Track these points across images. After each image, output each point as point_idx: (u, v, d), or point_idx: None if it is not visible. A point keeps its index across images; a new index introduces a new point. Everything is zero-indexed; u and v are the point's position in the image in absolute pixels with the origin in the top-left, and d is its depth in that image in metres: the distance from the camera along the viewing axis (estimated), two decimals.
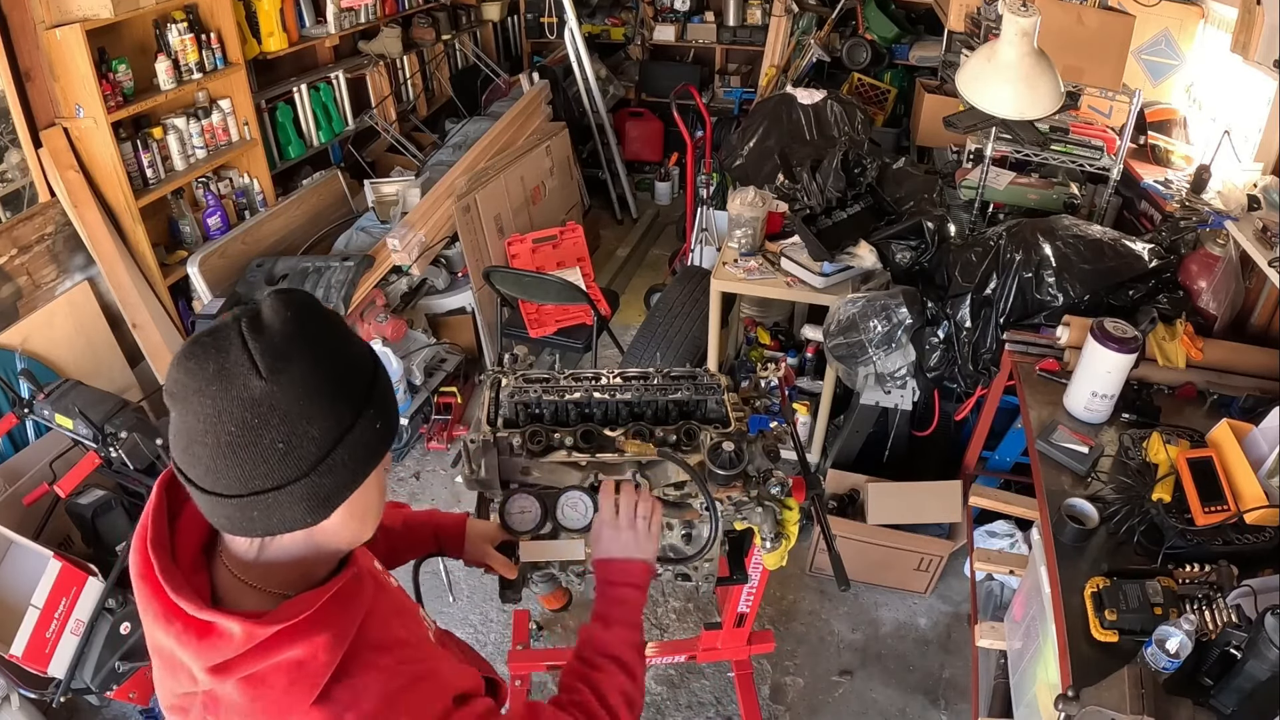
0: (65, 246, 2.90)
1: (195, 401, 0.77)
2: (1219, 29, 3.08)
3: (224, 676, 0.81)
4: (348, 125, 4.23)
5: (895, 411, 2.85)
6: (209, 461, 0.78)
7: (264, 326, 0.80)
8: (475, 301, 3.73)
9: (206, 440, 0.78)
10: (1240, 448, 1.77)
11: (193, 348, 0.79)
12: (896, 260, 2.79)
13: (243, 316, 0.81)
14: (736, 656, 2.43)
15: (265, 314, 0.81)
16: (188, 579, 0.84)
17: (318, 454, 0.80)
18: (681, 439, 1.43)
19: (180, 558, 0.87)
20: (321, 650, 0.82)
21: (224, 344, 0.78)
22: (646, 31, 5.85)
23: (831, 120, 3.82)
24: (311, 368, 0.80)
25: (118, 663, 2.18)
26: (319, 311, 0.84)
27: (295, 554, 0.88)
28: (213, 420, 0.77)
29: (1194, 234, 2.54)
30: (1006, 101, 2.59)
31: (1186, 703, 1.46)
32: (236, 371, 0.77)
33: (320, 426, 0.80)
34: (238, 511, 0.81)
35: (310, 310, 0.83)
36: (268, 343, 0.78)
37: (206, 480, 0.80)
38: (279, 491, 0.80)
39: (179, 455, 0.81)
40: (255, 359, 0.77)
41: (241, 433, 0.77)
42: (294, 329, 0.80)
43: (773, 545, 1.46)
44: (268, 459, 0.78)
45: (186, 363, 0.78)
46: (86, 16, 2.68)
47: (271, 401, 0.77)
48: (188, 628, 0.81)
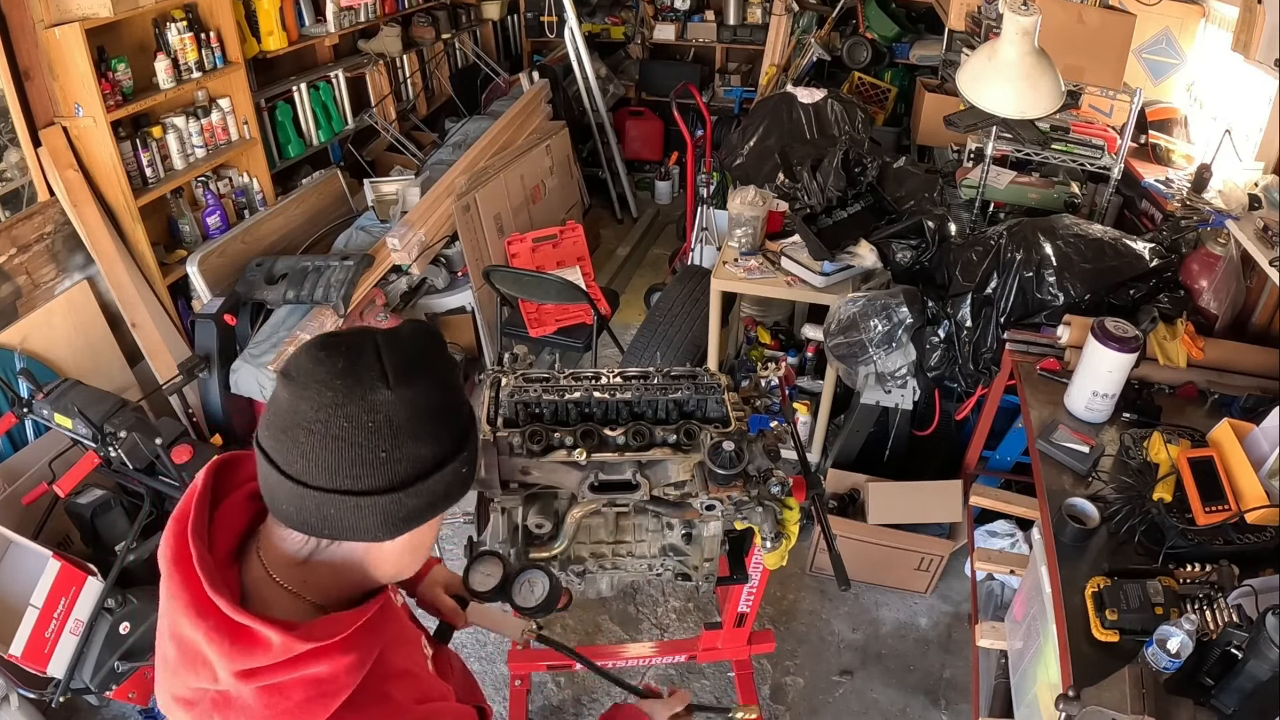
0: (64, 246, 2.90)
1: (315, 389, 0.79)
2: (1220, 28, 3.07)
3: (250, 682, 0.81)
4: (347, 124, 4.23)
5: (896, 411, 2.85)
6: (307, 448, 0.79)
7: (401, 343, 0.84)
8: (475, 301, 3.73)
9: (314, 428, 0.79)
10: (1241, 447, 1.77)
11: (329, 339, 0.82)
12: (897, 259, 2.79)
13: (382, 330, 0.85)
14: (737, 656, 2.43)
15: (404, 333, 0.85)
16: (222, 574, 0.84)
17: (413, 474, 0.83)
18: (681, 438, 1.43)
19: (215, 550, 0.87)
20: (343, 672, 0.83)
21: (360, 346, 0.82)
22: (646, 30, 5.85)
23: (832, 119, 3.82)
24: (432, 393, 0.83)
25: (117, 662, 2.18)
26: (446, 348, 0.91)
27: (342, 568, 0.89)
28: (328, 411, 0.78)
29: (1195, 233, 2.53)
30: (1007, 100, 2.59)
31: (1187, 703, 1.46)
32: (365, 374, 0.80)
33: (424, 450, 0.83)
34: (315, 505, 0.81)
35: (441, 345, 0.90)
36: (401, 357, 0.82)
37: (296, 466, 0.80)
38: (364, 497, 0.81)
39: (272, 435, 0.82)
40: (386, 368, 0.81)
41: (352, 431, 0.79)
42: (426, 354, 0.85)
43: (773, 545, 1.46)
44: (368, 462, 0.80)
45: (318, 352, 0.81)
46: (86, 15, 2.68)
47: (390, 411, 0.80)
48: (220, 627, 0.81)
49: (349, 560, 0.88)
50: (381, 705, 0.88)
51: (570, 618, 2.77)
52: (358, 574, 0.90)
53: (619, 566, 1.56)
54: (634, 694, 1.38)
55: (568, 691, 2.56)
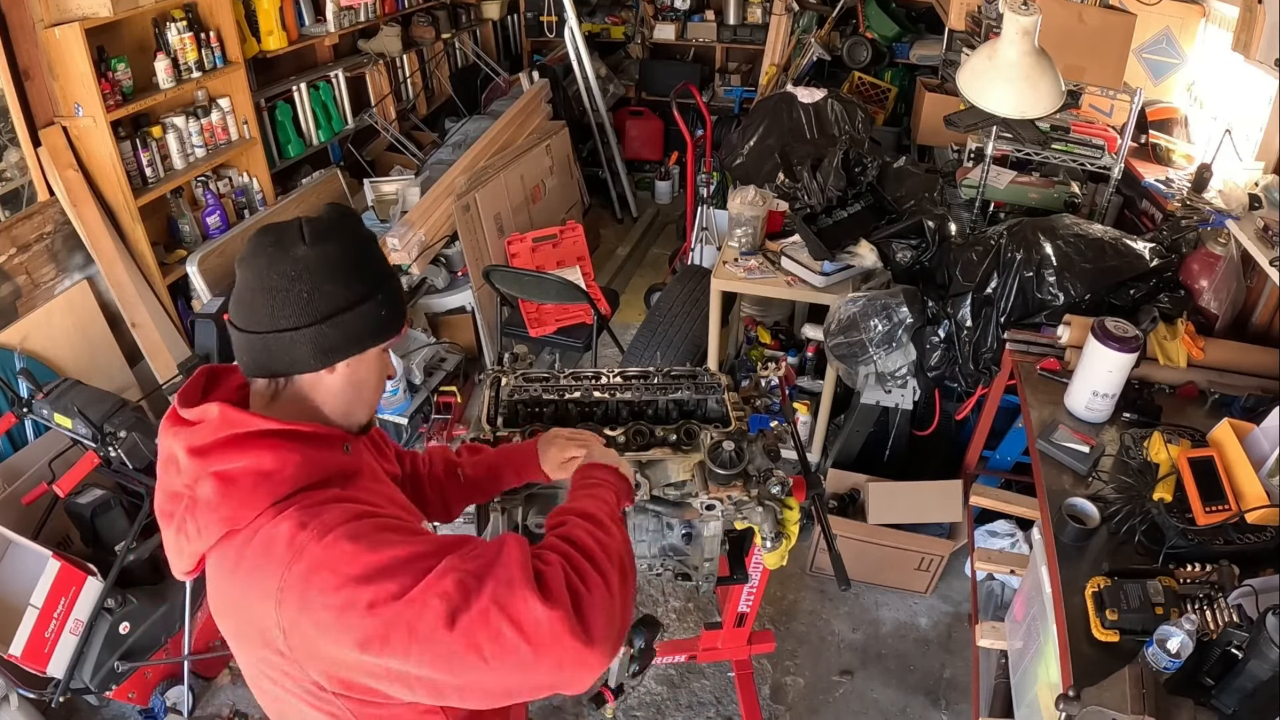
0: (64, 245, 2.90)
1: (254, 259, 0.99)
2: (1220, 28, 3.07)
3: (202, 461, 0.96)
4: (347, 124, 4.23)
5: (896, 411, 2.85)
6: (250, 303, 1.00)
7: (317, 216, 1.04)
8: (475, 300, 3.73)
9: (255, 285, 0.99)
10: (1241, 447, 1.77)
11: (263, 231, 1.02)
12: (897, 259, 2.79)
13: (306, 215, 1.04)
14: (737, 656, 2.43)
15: (323, 209, 1.06)
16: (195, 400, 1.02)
17: (330, 309, 1.00)
18: (682, 438, 1.43)
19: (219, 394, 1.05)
20: (289, 465, 0.97)
21: (287, 224, 1.02)
22: (646, 30, 5.85)
23: (832, 119, 3.82)
24: (343, 247, 1.02)
25: (117, 662, 2.18)
26: (359, 221, 1.09)
27: (300, 403, 1.05)
28: (263, 271, 0.99)
29: (1195, 233, 2.53)
30: (1007, 100, 2.58)
31: (1188, 703, 1.45)
32: (288, 239, 1.00)
33: (339, 289, 1.01)
34: (261, 346, 1.00)
35: (354, 219, 1.08)
36: (317, 224, 1.02)
37: (245, 320, 1.00)
38: (295, 332, 0.99)
39: (232, 307, 1.02)
40: (304, 232, 1.01)
41: (281, 280, 0.98)
42: (339, 222, 1.04)
43: (773, 545, 1.46)
44: (294, 303, 0.99)
45: (258, 236, 1.01)
46: (85, 15, 2.68)
47: (307, 261, 0.99)
48: (179, 421, 1.00)
49: (304, 394, 1.05)
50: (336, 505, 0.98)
51: None
52: (314, 409, 1.05)
53: None
54: None
55: None
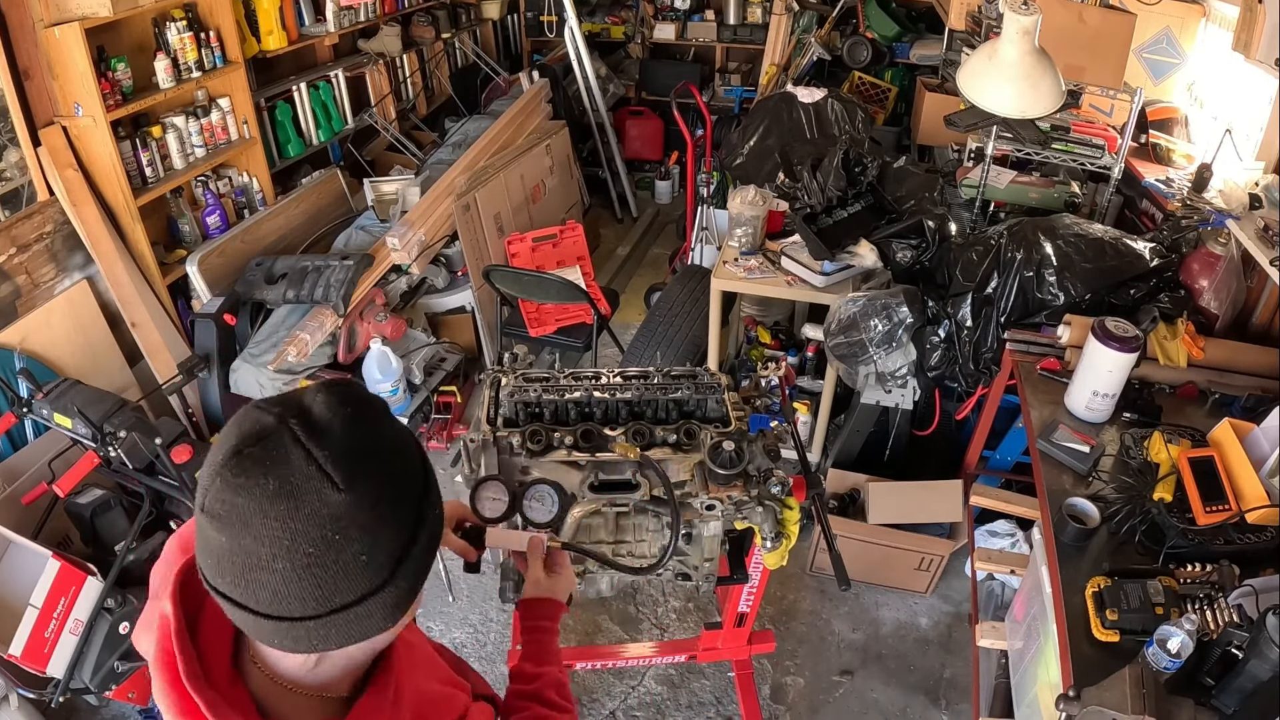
0: (64, 245, 2.90)
1: (257, 524, 0.68)
2: (1220, 27, 3.07)
3: None
4: (347, 124, 4.23)
5: (896, 411, 2.85)
6: (279, 587, 0.70)
7: (324, 430, 0.71)
8: (475, 300, 3.73)
9: (275, 566, 0.69)
10: (1242, 447, 1.77)
11: (240, 463, 0.69)
12: (897, 259, 2.79)
13: (290, 420, 0.71)
14: (737, 656, 2.43)
15: (319, 415, 0.73)
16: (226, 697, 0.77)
17: (397, 556, 0.75)
18: (682, 438, 1.43)
19: (214, 678, 0.78)
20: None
21: (280, 455, 0.69)
22: (646, 30, 5.84)
23: (832, 119, 3.81)
24: (384, 470, 0.74)
25: (116, 662, 2.18)
26: (370, 403, 0.78)
27: (352, 657, 0.83)
28: (283, 543, 0.69)
29: (1195, 233, 2.53)
30: (1007, 100, 2.58)
31: (1188, 703, 1.45)
32: (306, 486, 0.69)
33: (397, 529, 0.75)
34: (312, 632, 0.73)
35: (364, 404, 0.77)
36: (336, 449, 0.71)
37: (274, 606, 0.71)
38: (361, 604, 0.73)
39: (231, 583, 0.72)
40: (327, 470, 0.69)
41: (321, 551, 0.70)
42: (358, 429, 0.74)
43: (773, 545, 1.46)
44: (351, 573, 0.72)
45: (235, 480, 0.69)
46: (85, 15, 2.68)
47: (351, 513, 0.70)
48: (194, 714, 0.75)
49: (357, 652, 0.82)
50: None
51: (570, 618, 2.76)
52: (369, 651, 0.84)
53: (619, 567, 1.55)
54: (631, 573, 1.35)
55: None
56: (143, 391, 3.00)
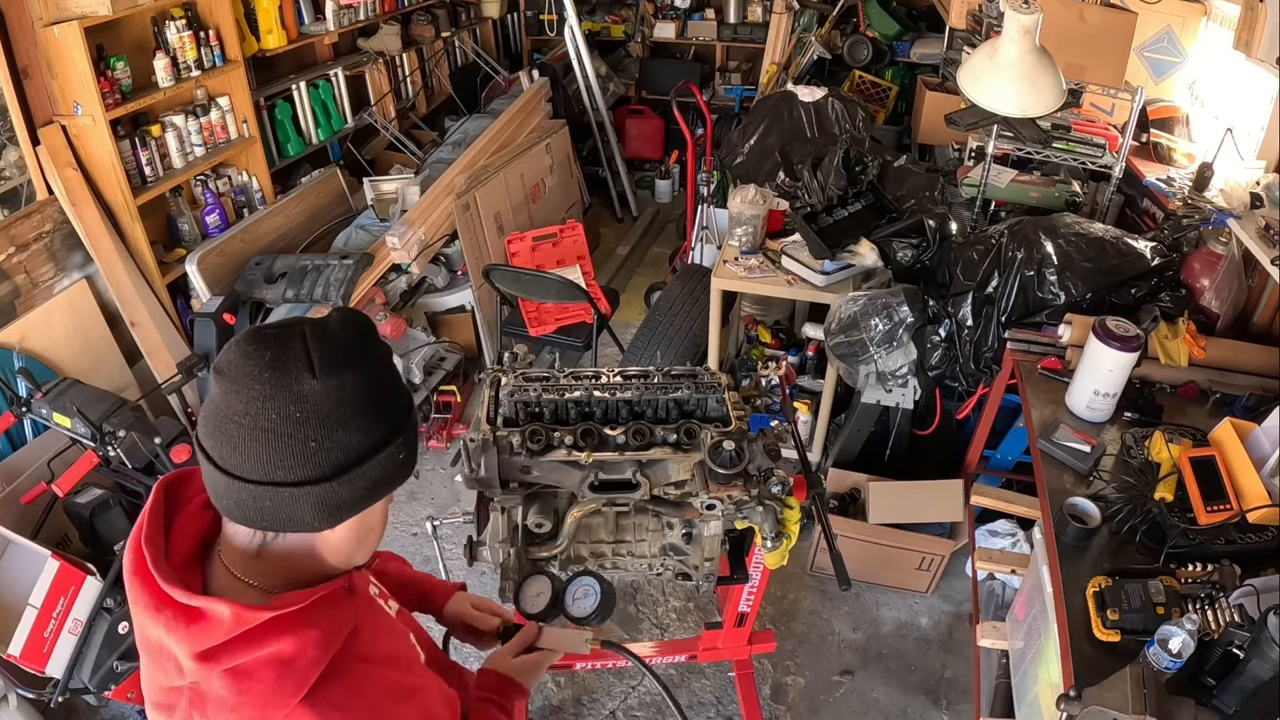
0: (63, 245, 2.90)
1: (244, 383, 0.79)
2: (1221, 26, 3.07)
3: (211, 665, 0.81)
4: (347, 123, 4.22)
5: (896, 410, 2.84)
6: (239, 441, 0.80)
7: (328, 333, 0.83)
8: (475, 300, 3.72)
9: (244, 421, 0.79)
10: (1243, 446, 1.77)
11: (256, 334, 0.82)
12: (898, 258, 2.78)
13: (309, 321, 0.84)
14: (737, 656, 2.43)
15: (331, 322, 0.85)
16: (180, 574, 0.85)
17: (344, 462, 0.83)
18: (682, 438, 1.43)
19: (173, 555, 0.88)
20: (310, 646, 0.83)
21: (287, 338, 0.81)
22: (647, 29, 5.84)
23: (832, 118, 3.81)
24: (361, 381, 0.83)
25: (116, 662, 2.18)
26: (376, 335, 0.89)
27: (294, 557, 0.89)
28: (257, 403, 0.79)
29: (1196, 232, 2.53)
30: (1008, 99, 2.58)
31: (1189, 703, 1.45)
32: (292, 365, 0.80)
33: (355, 437, 0.83)
34: (251, 498, 0.81)
35: (371, 332, 0.88)
36: (328, 347, 0.82)
37: (231, 460, 0.81)
38: (297, 488, 0.81)
39: (208, 431, 0.82)
40: (313, 358, 0.81)
41: (281, 422, 0.79)
42: (354, 343, 0.85)
43: (773, 544, 1.46)
44: (297, 453, 0.80)
45: (246, 345, 0.81)
46: (85, 14, 2.67)
47: (317, 400, 0.80)
48: (177, 615, 0.81)
49: (299, 548, 0.89)
50: (362, 680, 0.88)
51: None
52: (310, 562, 0.90)
53: (619, 566, 1.55)
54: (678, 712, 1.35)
55: (568, 691, 2.55)
56: (142, 391, 2.99)
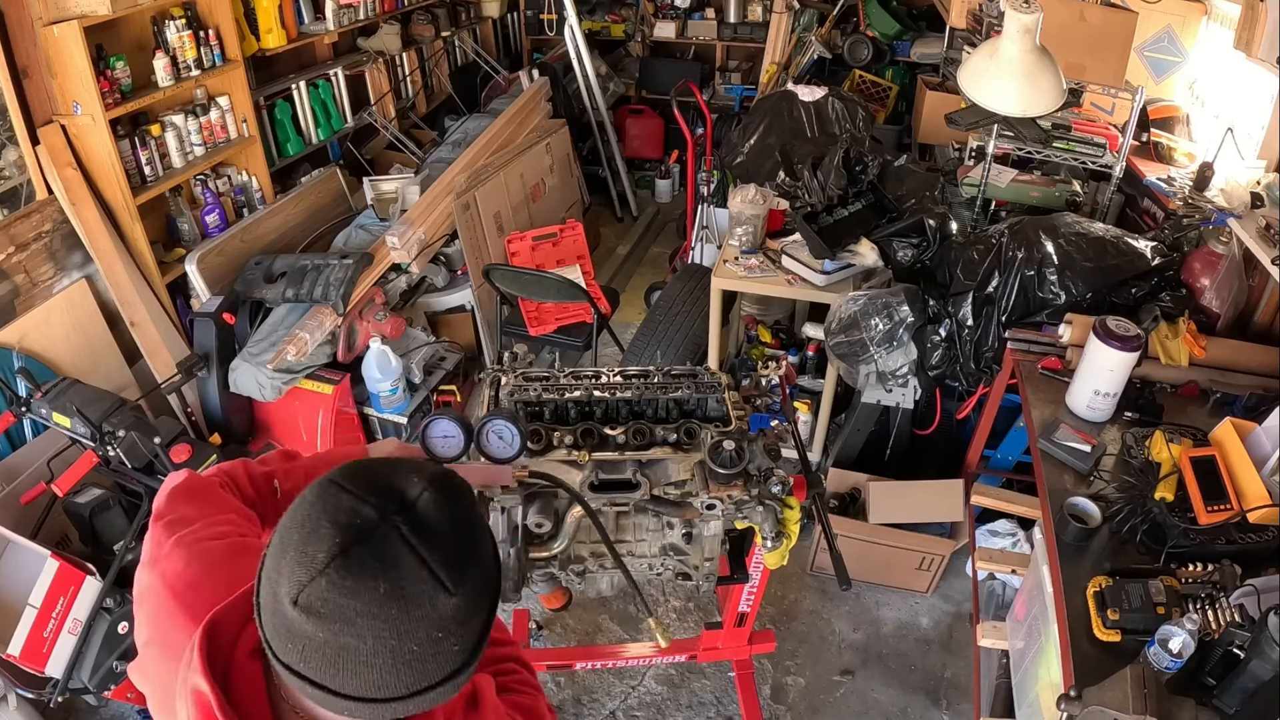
0: (63, 244, 2.89)
1: (362, 625, 0.69)
2: (1222, 25, 3.06)
3: None
4: (346, 122, 4.22)
5: (897, 410, 2.84)
6: (377, 675, 0.71)
7: (433, 532, 0.73)
8: (475, 299, 3.72)
9: (375, 661, 0.70)
10: (1243, 446, 1.77)
11: (348, 564, 0.70)
12: (898, 258, 2.78)
13: (395, 517, 0.72)
14: (737, 656, 2.43)
15: (426, 514, 0.74)
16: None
17: (480, 639, 0.78)
18: (682, 437, 1.43)
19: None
20: None
21: (391, 558, 0.71)
22: (647, 28, 5.83)
23: (833, 117, 3.81)
24: (484, 569, 0.77)
25: (115, 662, 2.18)
26: (467, 497, 0.80)
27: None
28: (389, 643, 0.70)
29: (1197, 232, 2.53)
30: (1009, 98, 2.58)
31: (1189, 703, 1.45)
32: (419, 590, 0.71)
33: (487, 616, 0.78)
34: (392, 708, 0.74)
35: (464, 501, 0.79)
36: (446, 553, 0.73)
37: (363, 691, 0.72)
38: (447, 683, 0.75)
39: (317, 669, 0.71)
40: (439, 575, 0.71)
41: (425, 649, 0.72)
42: (463, 529, 0.77)
43: (774, 544, 1.46)
44: (445, 662, 0.74)
45: (343, 582, 0.69)
46: (84, 13, 2.67)
47: (458, 614, 0.73)
48: None
49: None
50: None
51: (570, 617, 2.76)
52: None
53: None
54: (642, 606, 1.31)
55: (568, 691, 2.55)
56: (142, 391, 2.99)
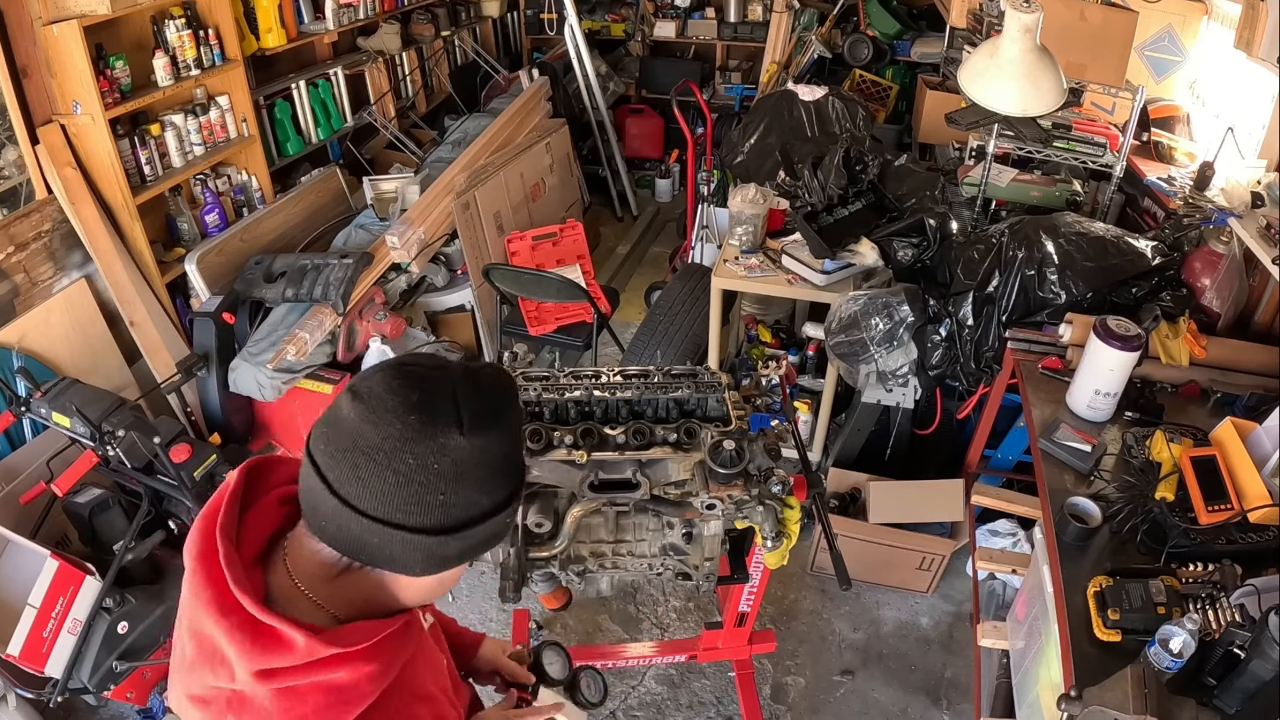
0: (62, 244, 2.89)
1: (385, 417, 0.77)
2: (1222, 25, 3.06)
3: (268, 683, 0.80)
4: (346, 122, 4.22)
5: (897, 410, 2.84)
6: (365, 474, 0.78)
7: (481, 388, 0.82)
8: (475, 299, 3.72)
9: (377, 457, 0.77)
10: (1244, 446, 1.77)
11: (408, 368, 0.81)
12: (898, 258, 2.78)
13: (464, 366, 0.84)
14: (737, 656, 2.43)
15: (484, 377, 0.84)
16: (247, 574, 0.83)
17: (465, 520, 0.82)
18: (682, 437, 1.42)
19: (242, 551, 0.85)
20: (365, 680, 0.82)
21: (439, 383, 0.80)
22: (647, 28, 5.83)
23: (833, 117, 3.80)
24: (500, 444, 0.82)
25: (115, 662, 2.18)
26: (518, 397, 0.89)
27: (371, 588, 0.88)
28: (396, 443, 0.77)
29: (1197, 231, 2.53)
30: (1009, 98, 2.58)
31: (1190, 703, 1.45)
32: (441, 415, 0.78)
33: (482, 498, 0.82)
34: (359, 529, 0.80)
35: (516, 394, 0.87)
36: (479, 405, 0.80)
37: (349, 488, 0.78)
38: (412, 534, 0.80)
39: (329, 451, 0.80)
40: (463, 412, 0.79)
41: (417, 469, 0.77)
42: (503, 403, 0.84)
43: (774, 544, 1.45)
44: (424, 502, 0.79)
45: (394, 382, 0.79)
46: (84, 13, 2.66)
47: (457, 457, 0.79)
48: (243, 625, 0.79)
49: (378, 584, 0.88)
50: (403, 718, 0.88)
51: (570, 617, 2.76)
52: (383, 596, 0.89)
53: (619, 566, 1.55)
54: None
55: None
56: (141, 390, 2.99)
